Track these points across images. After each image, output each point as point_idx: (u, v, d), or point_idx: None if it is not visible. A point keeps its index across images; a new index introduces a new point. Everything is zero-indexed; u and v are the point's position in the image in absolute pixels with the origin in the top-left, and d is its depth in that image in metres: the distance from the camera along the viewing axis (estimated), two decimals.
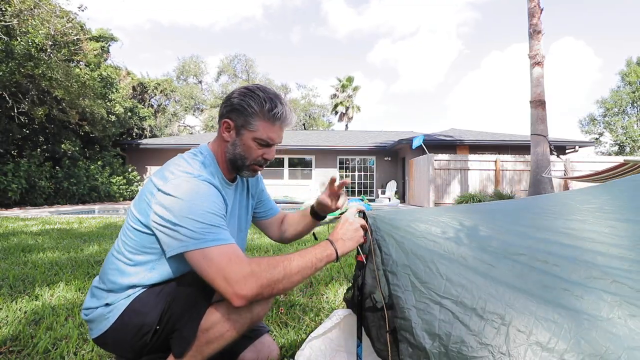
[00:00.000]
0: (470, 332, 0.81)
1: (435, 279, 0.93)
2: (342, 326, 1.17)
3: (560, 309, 0.76)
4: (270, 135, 1.08)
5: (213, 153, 1.13)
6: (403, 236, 1.06)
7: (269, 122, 1.07)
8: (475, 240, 0.98)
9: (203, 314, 0.97)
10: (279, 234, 1.39)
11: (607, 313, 0.74)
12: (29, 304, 1.90)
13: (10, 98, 10.38)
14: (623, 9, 54.44)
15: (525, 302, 0.80)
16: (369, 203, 13.07)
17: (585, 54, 58.62)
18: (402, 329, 0.89)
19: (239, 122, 1.07)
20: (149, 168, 16.85)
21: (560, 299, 0.78)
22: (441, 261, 0.97)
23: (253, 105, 1.05)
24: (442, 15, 62.08)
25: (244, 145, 1.09)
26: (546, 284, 0.83)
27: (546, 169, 8.32)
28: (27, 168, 10.74)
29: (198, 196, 0.93)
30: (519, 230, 1.00)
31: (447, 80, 67.72)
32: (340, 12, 61.19)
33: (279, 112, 1.06)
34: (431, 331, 0.86)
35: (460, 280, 0.91)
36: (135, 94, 23.03)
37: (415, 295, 0.93)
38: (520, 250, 0.91)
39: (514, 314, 0.79)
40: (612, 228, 0.93)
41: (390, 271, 0.99)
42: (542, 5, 8.56)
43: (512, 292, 0.84)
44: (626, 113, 29.85)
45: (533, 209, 1.12)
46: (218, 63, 40.20)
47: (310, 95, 35.68)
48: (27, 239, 4.03)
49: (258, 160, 1.12)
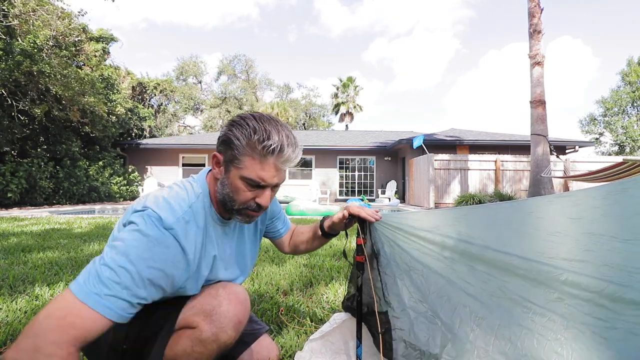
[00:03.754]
0: (451, 341, 0.90)
1: (427, 287, 0.99)
2: (342, 330, 1.18)
3: (516, 327, 0.84)
4: (261, 174, 0.89)
5: (208, 186, 1.00)
6: (398, 243, 1.10)
7: (258, 158, 0.88)
8: (463, 256, 1.00)
9: (167, 342, 0.93)
10: (289, 250, 1.35)
11: (555, 334, 0.79)
12: (29, 304, 1.90)
13: (9, 97, 10.39)
14: (621, 8, 54.47)
15: (491, 321, 0.88)
16: (368, 203, 13.07)
17: (583, 53, 58.67)
18: (398, 328, 0.92)
19: (227, 156, 0.91)
20: (149, 168, 16.85)
21: (521, 320, 0.85)
22: (432, 268, 1.02)
23: (239, 136, 0.88)
24: (436, 13, 62.19)
25: (232, 185, 0.92)
26: (510, 305, 0.88)
27: (546, 168, 8.33)
28: (28, 168, 10.75)
29: (136, 253, 0.80)
30: (505, 243, 0.96)
31: (445, 79, 67.87)
32: (333, 10, 61.28)
33: (271, 144, 0.86)
34: (424, 332, 0.90)
35: (446, 290, 0.97)
36: (134, 94, 23.03)
37: (409, 298, 0.98)
38: (505, 266, 0.93)
39: (478, 331, 0.89)
40: (587, 249, 0.83)
41: (387, 274, 1.02)
42: (542, 5, 8.56)
43: (485, 307, 0.91)
44: (626, 113, 29.84)
45: (524, 213, 1.06)
46: (217, 63, 40.29)
47: (311, 95, 35.71)
48: (27, 239, 4.03)
49: (249, 205, 0.94)
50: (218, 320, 0.93)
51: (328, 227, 1.23)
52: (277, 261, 2.98)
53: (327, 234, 1.26)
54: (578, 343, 0.74)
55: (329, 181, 16.93)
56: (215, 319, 0.93)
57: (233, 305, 0.96)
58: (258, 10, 60.46)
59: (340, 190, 17.08)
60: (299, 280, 2.38)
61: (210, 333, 0.92)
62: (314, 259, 3.04)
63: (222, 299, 0.96)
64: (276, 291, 2.15)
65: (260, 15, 60.62)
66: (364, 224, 1.16)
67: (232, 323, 0.94)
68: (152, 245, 0.82)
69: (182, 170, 16.84)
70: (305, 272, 2.59)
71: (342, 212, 1.19)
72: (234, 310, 0.96)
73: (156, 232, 0.83)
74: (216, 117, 31.58)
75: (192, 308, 0.96)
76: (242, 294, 1.01)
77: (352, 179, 17.18)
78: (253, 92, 33.75)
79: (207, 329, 0.92)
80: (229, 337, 0.93)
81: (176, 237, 0.86)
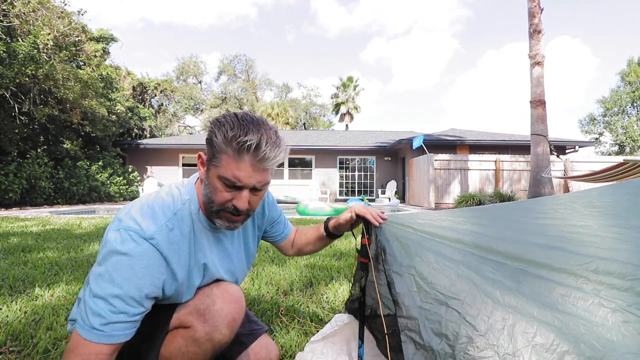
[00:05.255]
0: (477, 332, 0.82)
1: (440, 280, 0.95)
2: (344, 331, 1.17)
3: (557, 313, 0.80)
4: (236, 173, 0.84)
5: (197, 191, 0.96)
6: (407, 237, 1.07)
7: (234, 155, 0.83)
8: (479, 244, 0.99)
9: (162, 341, 0.93)
10: (293, 252, 1.33)
11: (602, 319, 0.77)
12: (29, 304, 1.89)
13: (11, 98, 10.39)
14: (620, 8, 54.47)
15: (526, 305, 0.83)
16: (368, 203, 13.07)
17: (582, 53, 58.70)
18: (407, 329, 0.90)
19: (209, 155, 0.88)
20: (149, 168, 16.85)
21: (558, 304, 0.81)
22: (446, 263, 0.98)
23: (217, 133, 0.84)
24: (434, 13, 62.19)
25: (210, 185, 0.88)
26: (545, 289, 0.85)
27: (546, 168, 8.32)
28: (28, 168, 10.76)
29: (120, 276, 0.80)
30: (520, 237, 1.00)
31: (443, 79, 67.89)
32: (330, 10, 61.34)
33: (247, 141, 0.81)
34: (438, 331, 0.86)
35: (465, 282, 0.92)
36: (135, 94, 23.04)
37: (420, 296, 0.93)
38: (523, 256, 0.93)
39: (517, 316, 0.82)
40: (615, 234, 0.93)
41: (395, 272, 0.99)
42: (542, 5, 8.57)
43: (514, 295, 0.86)
44: (626, 113, 29.84)
45: (536, 212, 1.13)
46: (217, 63, 40.26)
47: (311, 94, 35.71)
48: (27, 239, 4.03)
49: (226, 206, 0.89)
50: (212, 319, 0.92)
51: (333, 227, 1.22)
52: (277, 261, 2.98)
53: (332, 234, 1.24)
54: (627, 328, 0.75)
55: (329, 181, 16.93)
56: (208, 317, 0.92)
57: (227, 304, 0.95)
58: (256, 10, 60.58)
59: (340, 190, 17.07)
60: (299, 280, 2.38)
61: (204, 332, 0.91)
62: (314, 259, 3.04)
63: (216, 297, 0.95)
64: (276, 291, 2.15)
65: (258, 15, 60.74)
66: (368, 224, 1.15)
67: (226, 322, 0.93)
68: (132, 262, 0.81)
69: (182, 170, 16.84)
70: (305, 272, 2.59)
71: (349, 214, 1.17)
72: (227, 308, 0.95)
73: (133, 247, 0.82)
74: None
75: (186, 307, 0.95)
76: (237, 292, 1.00)
77: (352, 179, 17.18)
78: (253, 92, 33.76)
79: (201, 328, 0.91)
80: (224, 336, 0.93)
81: (157, 247, 0.84)
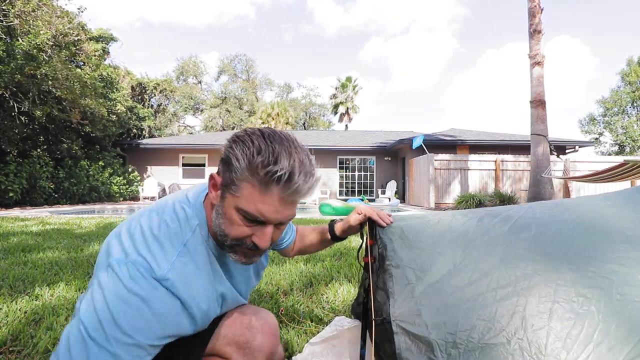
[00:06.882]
0: (480, 318, 0.76)
1: (439, 266, 0.92)
2: (345, 335, 1.16)
3: (587, 279, 0.66)
4: (260, 207, 0.68)
5: (205, 211, 0.81)
6: (407, 228, 1.07)
7: (259, 186, 0.67)
8: (487, 224, 1.00)
9: None
10: (294, 254, 1.29)
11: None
12: (29, 304, 1.89)
13: (11, 98, 10.39)
14: (620, 7, 54.47)
15: (547, 267, 0.72)
16: (368, 203, 13.07)
17: (581, 53, 58.70)
18: (400, 319, 0.88)
19: (225, 179, 0.72)
20: (149, 168, 16.85)
21: (589, 265, 0.69)
22: (446, 247, 0.96)
23: (240, 155, 0.68)
24: (433, 12, 62.14)
25: (225, 216, 0.73)
26: (572, 254, 0.77)
27: (546, 168, 8.32)
28: (28, 168, 10.76)
29: (127, 321, 0.65)
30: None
31: (443, 79, 67.89)
32: (327, 9, 61.30)
33: (277, 171, 0.65)
34: (436, 320, 0.82)
35: (469, 263, 0.88)
36: (134, 94, 23.04)
37: (419, 286, 0.91)
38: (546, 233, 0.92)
39: (534, 286, 0.73)
40: None
41: (395, 266, 0.98)
42: (542, 5, 8.57)
43: (532, 263, 0.78)
44: (626, 113, 29.83)
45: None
46: (217, 62, 40.25)
47: (311, 94, 35.70)
48: (27, 239, 4.03)
49: (244, 242, 0.74)
50: (251, 355, 0.89)
51: (342, 231, 1.17)
52: (277, 261, 2.98)
53: (339, 238, 1.19)
54: None
55: (329, 181, 16.93)
56: (248, 352, 0.89)
57: (267, 338, 0.92)
58: (255, 10, 60.57)
59: (340, 190, 17.07)
60: (299, 280, 2.38)
61: None
62: (314, 259, 3.04)
63: (256, 331, 0.91)
64: (276, 291, 2.15)
65: (256, 14, 60.72)
66: (373, 225, 1.14)
67: (265, 357, 0.91)
68: (144, 308, 0.66)
69: (182, 170, 16.84)
70: (305, 272, 2.59)
71: (359, 215, 1.13)
72: (267, 343, 0.92)
73: (145, 288, 0.68)
74: (216, 117, 31.58)
75: (223, 337, 0.90)
76: (274, 324, 0.96)
77: (352, 179, 17.18)
78: (253, 92, 33.76)
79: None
80: None
81: (171, 290, 0.70)
